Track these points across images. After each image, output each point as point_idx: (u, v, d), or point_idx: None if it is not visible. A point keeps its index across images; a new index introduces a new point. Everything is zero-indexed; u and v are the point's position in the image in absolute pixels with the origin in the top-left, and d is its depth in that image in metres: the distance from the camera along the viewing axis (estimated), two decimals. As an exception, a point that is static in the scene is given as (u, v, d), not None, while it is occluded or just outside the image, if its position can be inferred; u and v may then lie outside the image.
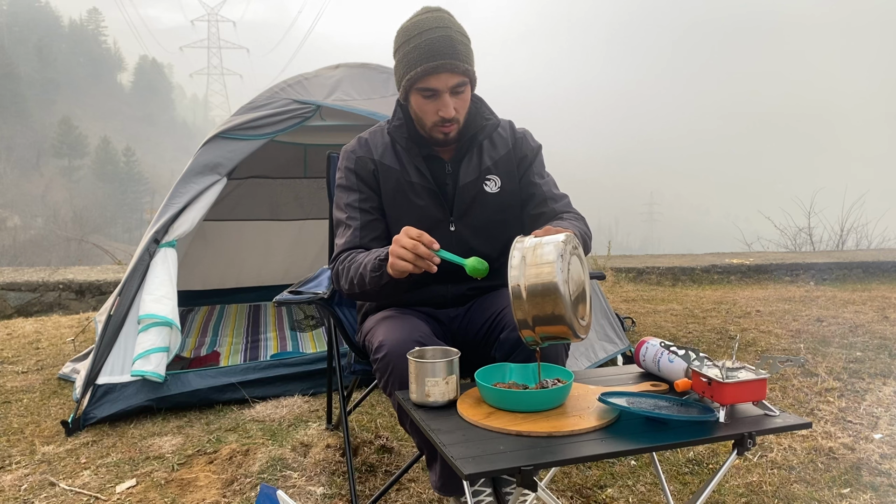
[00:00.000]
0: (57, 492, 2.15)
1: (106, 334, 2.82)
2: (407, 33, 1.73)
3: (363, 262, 1.69)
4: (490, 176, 1.88)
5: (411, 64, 1.70)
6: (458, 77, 1.71)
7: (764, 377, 1.33)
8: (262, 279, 5.09)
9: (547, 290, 1.30)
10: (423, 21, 1.72)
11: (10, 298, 5.41)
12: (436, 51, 1.68)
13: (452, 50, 1.69)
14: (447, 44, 1.68)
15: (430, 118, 1.76)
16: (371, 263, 1.65)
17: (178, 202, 3.06)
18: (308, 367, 3.07)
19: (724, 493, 2.10)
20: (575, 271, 1.37)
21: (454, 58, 1.69)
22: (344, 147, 1.94)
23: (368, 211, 1.86)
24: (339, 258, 1.82)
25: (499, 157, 1.90)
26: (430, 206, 1.85)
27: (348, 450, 2.07)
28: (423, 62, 1.68)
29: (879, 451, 2.37)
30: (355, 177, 1.87)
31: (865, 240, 9.96)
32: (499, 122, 1.93)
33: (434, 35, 1.68)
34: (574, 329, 1.32)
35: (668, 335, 4.11)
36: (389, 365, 1.60)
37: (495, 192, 1.88)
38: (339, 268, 1.80)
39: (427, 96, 1.73)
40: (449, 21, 1.73)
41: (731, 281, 6.61)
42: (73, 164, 63.44)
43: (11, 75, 65.32)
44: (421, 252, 1.52)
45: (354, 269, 1.72)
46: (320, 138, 4.30)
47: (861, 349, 3.70)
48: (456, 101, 1.74)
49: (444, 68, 1.68)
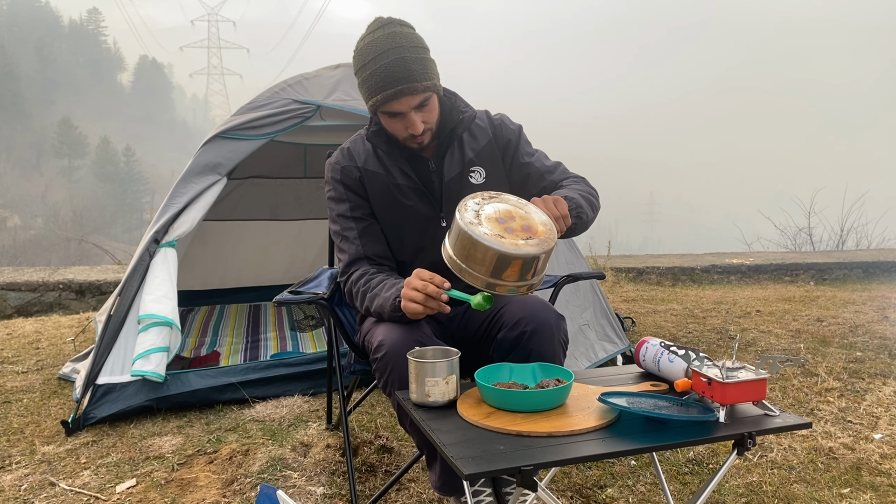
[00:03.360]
0: (57, 492, 2.15)
1: (106, 334, 2.82)
2: (362, 58, 1.72)
3: (384, 299, 1.68)
4: (474, 168, 1.88)
5: (371, 91, 1.71)
6: (419, 96, 1.70)
7: (764, 377, 1.33)
8: (262, 279, 5.09)
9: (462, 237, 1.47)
10: (374, 44, 1.69)
11: (10, 298, 5.41)
12: (391, 77, 1.66)
13: (407, 73, 1.67)
14: (401, 67, 1.66)
15: (401, 134, 1.78)
16: (391, 304, 1.65)
17: (178, 202, 3.06)
18: (308, 367, 3.07)
19: (724, 493, 2.10)
20: (491, 212, 1.51)
21: (410, 80, 1.67)
22: (328, 160, 1.95)
23: (362, 218, 1.87)
24: (351, 276, 1.83)
25: (480, 148, 1.90)
26: (418, 206, 1.85)
27: (348, 450, 2.07)
28: (382, 90, 1.68)
29: (879, 451, 2.37)
30: (343, 186, 1.88)
31: (865, 240, 9.95)
32: (475, 113, 1.92)
33: (387, 60, 1.66)
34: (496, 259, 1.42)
35: (668, 335, 4.11)
36: (389, 365, 1.60)
37: (480, 182, 1.88)
38: (354, 290, 1.81)
39: (393, 116, 1.74)
40: (401, 38, 1.69)
41: (731, 281, 6.60)
42: (73, 164, 63.43)
43: (11, 75, 65.32)
44: (430, 292, 1.54)
45: (370, 300, 1.74)
46: (320, 138, 4.30)
47: (861, 349, 3.70)
48: (423, 115, 1.74)
49: (403, 93, 1.68)
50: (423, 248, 1.86)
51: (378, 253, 1.86)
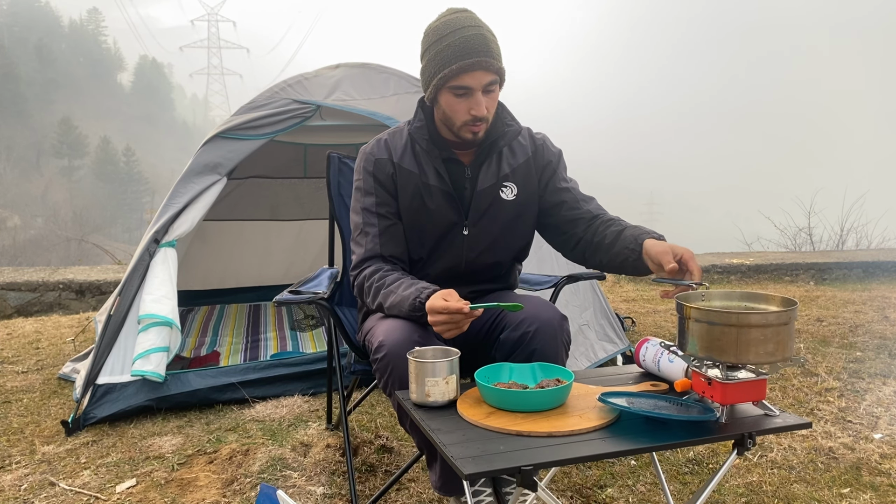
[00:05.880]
0: (57, 492, 2.15)
1: (106, 334, 2.82)
2: (438, 32, 1.71)
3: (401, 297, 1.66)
4: (507, 183, 1.86)
5: (445, 61, 1.68)
6: (492, 75, 1.70)
7: (764, 377, 1.33)
8: (262, 279, 5.09)
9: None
10: (454, 20, 1.71)
11: (10, 298, 5.41)
12: (471, 48, 1.67)
13: (487, 48, 1.68)
14: (482, 42, 1.68)
15: (461, 117, 1.74)
16: (409, 303, 1.63)
17: (178, 202, 3.06)
18: (308, 367, 3.07)
19: (724, 493, 2.10)
20: None
21: (489, 55, 1.68)
22: (362, 148, 1.91)
23: (386, 216, 1.84)
24: (364, 271, 1.81)
25: (517, 165, 1.88)
26: (444, 209, 1.83)
27: (348, 450, 2.07)
28: (459, 59, 1.66)
29: (879, 451, 2.37)
30: (373, 179, 1.85)
31: (865, 240, 9.94)
32: (521, 129, 1.91)
33: (468, 33, 1.68)
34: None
35: (668, 335, 4.11)
36: (389, 365, 1.60)
37: (511, 199, 1.86)
38: (366, 285, 1.79)
39: (459, 94, 1.71)
40: (480, 20, 1.73)
41: (731, 281, 6.60)
42: (73, 164, 63.42)
43: (11, 75, 65.29)
44: (458, 321, 1.52)
45: (384, 296, 1.71)
46: (320, 138, 4.30)
47: (861, 349, 3.69)
48: (487, 100, 1.73)
49: (480, 66, 1.67)
50: (442, 252, 1.85)
51: (395, 254, 1.84)
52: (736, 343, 1.26)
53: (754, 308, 1.42)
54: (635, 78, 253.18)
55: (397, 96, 3.57)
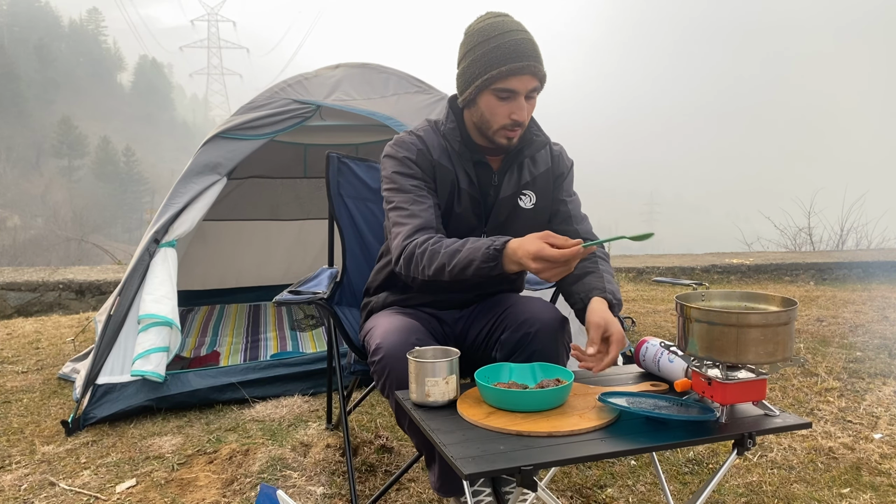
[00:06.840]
0: (57, 492, 2.15)
1: (106, 334, 2.82)
2: (485, 33, 1.69)
3: (473, 249, 1.57)
4: (526, 191, 1.85)
5: (492, 63, 1.66)
6: (536, 81, 1.69)
7: (764, 377, 1.33)
8: (262, 279, 5.09)
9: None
10: (500, 23, 1.69)
11: (10, 298, 5.41)
12: (522, 52, 1.65)
13: (536, 53, 1.67)
14: (532, 47, 1.67)
15: (501, 120, 1.71)
16: (483, 252, 1.54)
17: (178, 202, 3.06)
18: (308, 367, 3.07)
19: (724, 493, 2.10)
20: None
21: (538, 61, 1.67)
22: (398, 137, 1.84)
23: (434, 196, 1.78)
24: (417, 239, 1.67)
25: (538, 174, 1.88)
26: (468, 213, 1.81)
27: (348, 450, 2.07)
28: (509, 62, 1.64)
29: (879, 451, 2.37)
30: (416, 166, 1.79)
31: (865, 240, 9.96)
32: (547, 140, 1.89)
33: (518, 37, 1.66)
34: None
35: (668, 335, 4.11)
36: (386, 368, 1.60)
37: (529, 207, 1.86)
38: (418, 252, 1.65)
39: (503, 98, 1.69)
40: (524, 26, 1.72)
41: (731, 281, 6.60)
42: (72, 164, 63.39)
43: (11, 75, 65.31)
44: (571, 263, 1.45)
45: (449, 256, 1.60)
46: (320, 138, 4.30)
47: (861, 349, 3.69)
48: (528, 107, 1.72)
49: (529, 70, 1.66)
50: None
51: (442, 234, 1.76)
52: (736, 343, 1.26)
53: (754, 308, 1.42)
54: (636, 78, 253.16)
55: (397, 96, 3.57)
